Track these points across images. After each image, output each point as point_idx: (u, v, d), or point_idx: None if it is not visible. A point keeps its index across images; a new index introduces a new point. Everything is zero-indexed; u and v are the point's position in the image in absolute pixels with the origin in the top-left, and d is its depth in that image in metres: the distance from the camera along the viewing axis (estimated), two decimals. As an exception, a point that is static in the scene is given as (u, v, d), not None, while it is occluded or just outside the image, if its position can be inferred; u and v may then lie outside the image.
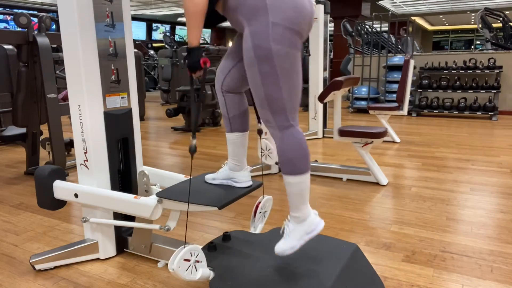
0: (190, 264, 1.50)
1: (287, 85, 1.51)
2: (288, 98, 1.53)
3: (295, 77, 1.53)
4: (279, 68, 1.48)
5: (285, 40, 1.46)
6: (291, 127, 1.55)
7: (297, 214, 1.58)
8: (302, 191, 1.56)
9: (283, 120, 1.54)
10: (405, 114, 4.84)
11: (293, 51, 1.49)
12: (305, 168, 1.55)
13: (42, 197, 2.01)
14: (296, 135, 1.55)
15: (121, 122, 2.01)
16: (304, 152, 1.55)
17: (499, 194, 2.99)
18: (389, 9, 15.40)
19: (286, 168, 1.56)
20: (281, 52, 1.47)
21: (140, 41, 15.26)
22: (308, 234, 1.60)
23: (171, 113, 6.02)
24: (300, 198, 1.57)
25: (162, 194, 1.75)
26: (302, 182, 1.55)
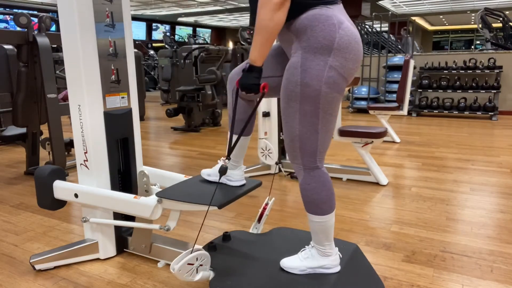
0: (192, 268, 1.49)
1: (324, 129, 1.47)
2: (321, 142, 1.49)
3: (333, 121, 1.50)
4: (321, 111, 1.43)
5: (336, 86, 1.42)
6: (316, 168, 1.51)
7: (321, 248, 1.59)
8: (326, 230, 1.55)
9: (311, 161, 1.50)
10: (405, 114, 4.84)
11: (339, 96, 1.46)
12: (330, 209, 1.53)
13: (42, 197, 2.01)
14: (321, 177, 1.51)
15: (121, 122, 2.01)
16: (329, 194, 1.52)
17: (499, 194, 2.99)
18: (389, 9, 15.40)
19: (309, 208, 1.54)
20: (329, 96, 1.42)
21: (140, 41, 15.26)
22: (323, 269, 1.60)
23: (171, 113, 6.02)
24: (324, 236, 1.56)
25: (162, 194, 1.75)
26: (326, 222, 1.54)
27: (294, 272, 1.61)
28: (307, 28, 1.39)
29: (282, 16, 1.35)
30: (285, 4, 1.34)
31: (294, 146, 1.49)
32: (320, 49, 1.38)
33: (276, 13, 1.33)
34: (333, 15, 1.39)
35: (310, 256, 1.61)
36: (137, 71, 7.00)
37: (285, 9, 1.35)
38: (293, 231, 1.98)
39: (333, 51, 1.38)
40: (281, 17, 1.34)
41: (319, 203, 1.52)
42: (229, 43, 22.94)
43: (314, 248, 1.61)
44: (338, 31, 1.37)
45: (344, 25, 1.39)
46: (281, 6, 1.33)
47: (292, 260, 1.63)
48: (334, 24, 1.37)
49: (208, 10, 16.43)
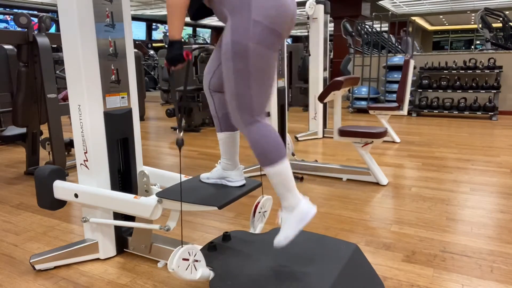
0: (189, 264, 1.50)
1: (257, 85, 1.51)
2: (256, 98, 1.53)
3: (267, 78, 1.53)
4: (252, 67, 1.48)
5: (264, 40, 1.46)
6: (256, 122, 1.56)
7: (286, 203, 1.58)
8: (283, 180, 1.56)
9: (248, 117, 1.55)
10: (405, 114, 4.84)
11: (270, 51, 1.49)
12: (277, 158, 1.54)
13: (42, 197, 2.01)
14: (261, 129, 1.55)
15: (121, 122, 2.01)
16: (273, 143, 1.54)
17: (499, 194, 2.99)
18: (389, 9, 15.40)
19: (261, 162, 1.58)
20: (258, 51, 1.46)
21: (140, 41, 15.26)
22: (301, 222, 1.58)
23: (171, 113, 6.01)
24: (283, 187, 1.57)
25: (162, 194, 1.75)
26: (280, 172, 1.55)
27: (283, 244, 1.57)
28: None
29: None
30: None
31: (233, 105, 1.55)
32: (240, 7, 1.45)
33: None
34: None
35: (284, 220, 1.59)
36: (137, 71, 6.99)
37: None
38: (293, 231, 1.98)
39: (251, 4, 1.43)
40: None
41: (266, 154, 1.54)
42: (229, 43, 22.91)
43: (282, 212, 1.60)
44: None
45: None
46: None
47: (277, 237, 1.59)
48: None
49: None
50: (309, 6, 4.96)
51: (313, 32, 5.21)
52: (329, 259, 1.65)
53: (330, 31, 11.74)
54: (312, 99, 5.32)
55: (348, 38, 8.51)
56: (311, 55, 5.25)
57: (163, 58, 9.36)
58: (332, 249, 1.73)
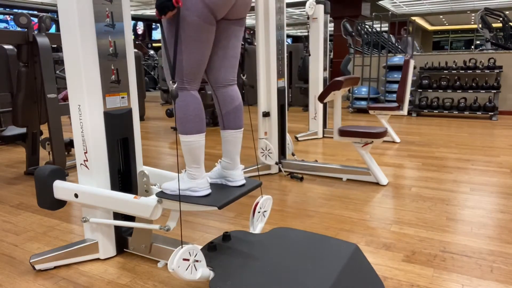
0: (190, 264, 1.50)
1: (187, 51, 1.59)
2: (187, 63, 1.61)
3: (197, 46, 1.60)
4: (183, 33, 1.56)
5: (195, 10, 1.53)
6: (184, 89, 1.65)
7: (189, 170, 1.69)
8: (191, 151, 1.67)
9: (179, 82, 1.64)
10: (405, 114, 4.84)
11: (200, 21, 1.55)
12: (191, 129, 1.65)
13: (42, 197, 2.01)
14: (187, 97, 1.65)
15: (121, 122, 2.01)
16: (193, 114, 1.64)
17: (499, 194, 2.99)
18: (389, 9, 15.40)
19: (178, 128, 1.68)
20: (188, 18, 1.54)
21: (140, 41, 15.26)
22: (192, 192, 1.70)
23: (171, 113, 6.01)
24: (190, 157, 1.68)
25: (162, 194, 1.75)
26: (190, 142, 1.65)
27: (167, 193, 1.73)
28: None
29: None
30: None
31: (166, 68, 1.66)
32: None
33: None
34: None
35: (181, 178, 1.72)
36: (137, 71, 6.99)
37: None
38: (293, 231, 1.98)
39: None
40: None
41: (183, 121, 1.64)
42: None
43: (185, 172, 1.72)
44: None
45: None
46: None
47: (170, 183, 1.75)
48: None
49: (208, 10, 16.38)
50: (309, 6, 4.96)
51: (313, 32, 5.21)
52: (329, 259, 1.65)
53: (330, 31, 11.74)
54: (312, 99, 5.32)
55: (348, 38, 8.51)
56: (311, 55, 5.25)
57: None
58: (332, 249, 1.73)
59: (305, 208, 2.76)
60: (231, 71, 1.79)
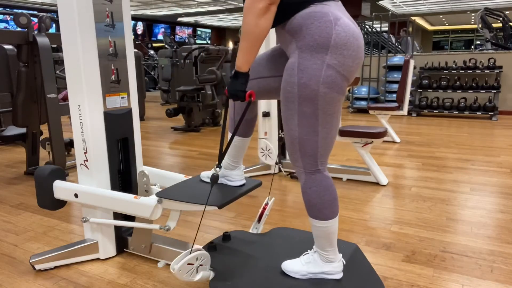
0: (192, 268, 1.49)
1: (324, 130, 1.43)
2: (322, 144, 1.45)
3: (334, 122, 1.45)
4: (321, 112, 1.39)
5: (335, 85, 1.37)
6: (318, 172, 1.48)
7: (323, 253, 1.55)
8: (328, 235, 1.52)
9: (312, 164, 1.47)
10: (405, 114, 4.84)
11: (339, 96, 1.41)
12: (332, 214, 1.49)
13: (42, 197, 2.01)
14: (322, 182, 1.48)
15: (121, 122, 2.01)
16: (331, 199, 1.48)
17: (499, 194, 2.99)
18: (389, 9, 15.40)
19: (311, 213, 1.51)
20: (328, 96, 1.38)
21: (140, 40, 15.26)
22: (325, 275, 1.56)
23: (171, 113, 6.01)
24: (327, 241, 1.53)
25: (162, 194, 1.75)
26: (328, 227, 1.50)
27: (295, 277, 1.58)
28: (302, 26, 1.35)
29: (267, 22, 1.32)
30: (271, 9, 1.31)
31: (294, 148, 1.46)
32: (316, 48, 1.34)
33: (261, 19, 1.30)
34: (329, 11, 1.36)
35: (313, 261, 1.58)
36: (137, 71, 7.00)
37: (271, 14, 1.32)
38: (293, 231, 1.98)
39: (330, 48, 1.33)
40: (267, 22, 1.31)
41: (321, 208, 1.48)
42: (229, 43, 22.94)
43: (316, 253, 1.58)
44: (334, 27, 1.33)
45: (341, 21, 1.35)
46: (266, 11, 1.30)
47: (293, 263, 1.61)
48: (330, 21, 1.33)
49: (208, 10, 16.43)
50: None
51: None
52: (329, 259, 1.64)
53: (330, 31, 11.71)
54: (312, 99, 5.30)
55: (348, 38, 8.49)
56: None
57: (163, 58, 9.36)
58: (332, 249, 1.72)
59: (305, 208, 2.76)
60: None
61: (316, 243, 1.56)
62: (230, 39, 23.12)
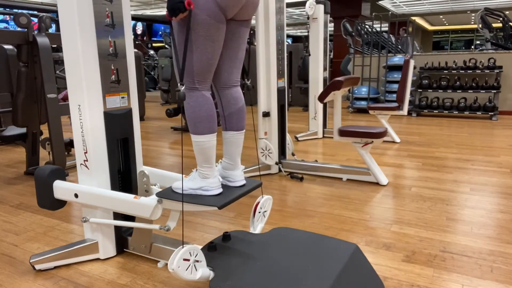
0: (190, 264, 1.50)
1: (199, 51, 1.58)
2: (197, 63, 1.60)
3: (208, 45, 1.59)
4: (194, 32, 1.55)
5: (206, 8, 1.51)
6: (196, 90, 1.64)
7: (201, 170, 1.72)
8: (203, 151, 1.68)
9: (190, 82, 1.63)
10: (405, 114, 4.84)
11: (211, 20, 1.54)
12: (206, 130, 1.66)
13: (42, 197, 2.01)
14: (199, 98, 1.64)
15: (121, 122, 2.01)
16: (205, 114, 1.65)
17: (499, 194, 2.99)
18: (389, 9, 15.40)
19: (190, 128, 1.69)
20: (199, 17, 1.52)
21: (140, 40, 15.26)
22: (203, 191, 1.72)
23: (171, 113, 6.01)
24: (201, 156, 1.69)
25: (162, 194, 1.75)
26: (202, 143, 1.67)
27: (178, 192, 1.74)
28: None
29: None
30: None
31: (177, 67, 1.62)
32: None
33: None
34: None
35: (193, 178, 1.73)
36: (137, 71, 6.99)
37: None
38: (293, 231, 1.98)
39: None
40: None
41: (195, 122, 1.65)
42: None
43: (196, 171, 1.73)
44: None
45: None
46: None
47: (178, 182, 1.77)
48: None
49: (208, 10, 16.38)
50: (309, 6, 4.96)
51: (313, 32, 5.21)
52: (329, 259, 1.65)
53: (330, 31, 11.74)
54: (312, 99, 5.32)
55: (348, 38, 8.51)
56: (311, 55, 5.25)
57: (163, 58, 9.36)
58: (332, 249, 1.73)
59: (305, 208, 2.76)
60: (236, 73, 1.79)
61: (197, 160, 1.72)
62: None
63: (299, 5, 13.85)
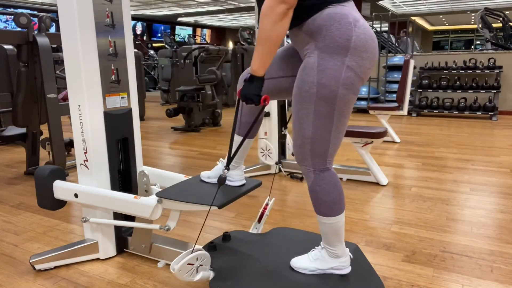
0: (193, 268, 1.50)
1: (337, 130, 1.45)
2: (333, 143, 1.46)
3: (345, 123, 1.47)
4: (337, 113, 1.41)
5: (353, 87, 1.39)
6: (327, 170, 1.49)
7: (332, 249, 1.57)
8: (336, 231, 1.53)
9: (321, 163, 1.48)
10: (405, 114, 4.84)
11: (355, 97, 1.43)
12: (340, 210, 1.52)
13: (42, 197, 2.01)
14: (331, 178, 1.49)
15: (121, 122, 2.01)
16: (339, 194, 1.50)
17: (499, 194, 2.99)
18: (389, 9, 15.40)
19: (320, 210, 1.52)
20: (345, 98, 1.39)
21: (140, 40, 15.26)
22: (334, 270, 1.59)
23: (171, 113, 6.01)
24: (335, 236, 1.55)
25: (162, 194, 1.75)
26: (336, 223, 1.52)
27: (304, 273, 1.60)
28: (323, 27, 1.36)
29: (285, 26, 1.31)
30: (288, 14, 1.30)
31: (305, 148, 1.46)
32: (337, 49, 1.34)
33: (279, 24, 1.30)
34: (348, 13, 1.36)
35: (321, 257, 1.60)
36: (137, 71, 7.00)
37: (288, 19, 1.32)
38: (293, 231, 1.98)
39: (350, 50, 1.34)
40: (284, 27, 1.31)
41: (330, 205, 1.49)
42: (229, 43, 22.94)
43: (324, 250, 1.59)
44: (354, 29, 1.34)
45: (360, 23, 1.37)
46: (284, 17, 1.30)
47: (302, 260, 1.62)
48: (350, 23, 1.34)
49: (208, 10, 16.44)
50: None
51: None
52: (329, 259, 1.64)
53: (330, 31, 11.69)
54: (312, 99, 5.31)
55: (348, 38, 8.49)
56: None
57: (163, 58, 9.36)
58: (332, 249, 1.73)
59: (305, 208, 2.76)
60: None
61: (324, 240, 1.57)
62: (230, 39, 23.12)
63: (299, 5, 13.82)
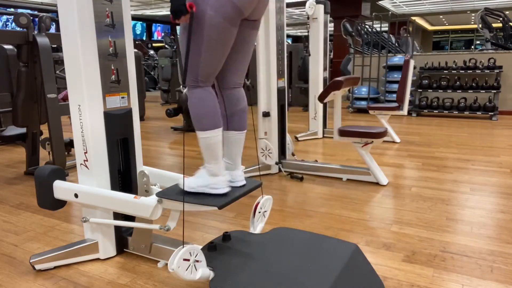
0: (190, 264, 1.50)
1: (208, 53, 1.56)
2: (204, 65, 1.58)
3: (218, 48, 1.57)
4: (206, 35, 1.52)
5: (223, 11, 1.49)
6: (198, 87, 1.63)
7: (208, 166, 1.68)
8: (209, 147, 1.65)
9: (192, 81, 1.62)
10: (405, 114, 4.84)
11: (226, 23, 1.52)
12: (208, 125, 1.63)
13: (42, 197, 2.01)
14: (201, 94, 1.63)
15: (121, 122, 2.01)
16: (209, 110, 1.62)
17: (499, 194, 2.99)
18: (389, 9, 15.40)
19: (194, 124, 1.67)
20: (214, 20, 1.50)
21: (140, 41, 15.25)
22: (211, 189, 1.69)
23: (171, 113, 6.01)
24: (209, 153, 1.67)
25: (162, 194, 1.75)
26: (207, 138, 1.64)
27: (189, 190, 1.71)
28: None
29: None
30: None
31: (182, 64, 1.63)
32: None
33: None
34: None
35: (201, 175, 1.71)
36: (137, 71, 6.99)
37: None
38: (293, 231, 1.98)
39: None
40: None
41: (199, 118, 1.62)
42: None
43: (203, 168, 1.71)
44: None
45: None
46: None
47: (189, 179, 1.73)
48: None
49: (208, 10, 16.38)
50: (309, 6, 4.96)
51: (313, 32, 5.21)
52: (329, 259, 1.65)
53: (330, 31, 11.73)
54: (312, 99, 5.32)
55: (348, 38, 8.51)
56: (311, 55, 5.25)
57: (163, 58, 9.36)
58: (332, 249, 1.73)
59: (305, 208, 2.76)
60: (241, 75, 1.78)
61: (204, 157, 1.69)
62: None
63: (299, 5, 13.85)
